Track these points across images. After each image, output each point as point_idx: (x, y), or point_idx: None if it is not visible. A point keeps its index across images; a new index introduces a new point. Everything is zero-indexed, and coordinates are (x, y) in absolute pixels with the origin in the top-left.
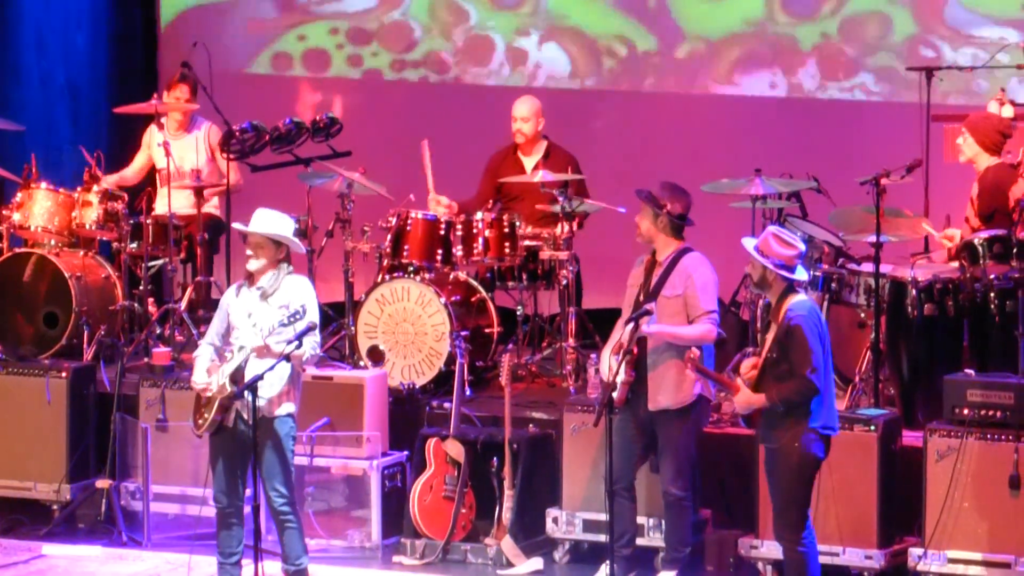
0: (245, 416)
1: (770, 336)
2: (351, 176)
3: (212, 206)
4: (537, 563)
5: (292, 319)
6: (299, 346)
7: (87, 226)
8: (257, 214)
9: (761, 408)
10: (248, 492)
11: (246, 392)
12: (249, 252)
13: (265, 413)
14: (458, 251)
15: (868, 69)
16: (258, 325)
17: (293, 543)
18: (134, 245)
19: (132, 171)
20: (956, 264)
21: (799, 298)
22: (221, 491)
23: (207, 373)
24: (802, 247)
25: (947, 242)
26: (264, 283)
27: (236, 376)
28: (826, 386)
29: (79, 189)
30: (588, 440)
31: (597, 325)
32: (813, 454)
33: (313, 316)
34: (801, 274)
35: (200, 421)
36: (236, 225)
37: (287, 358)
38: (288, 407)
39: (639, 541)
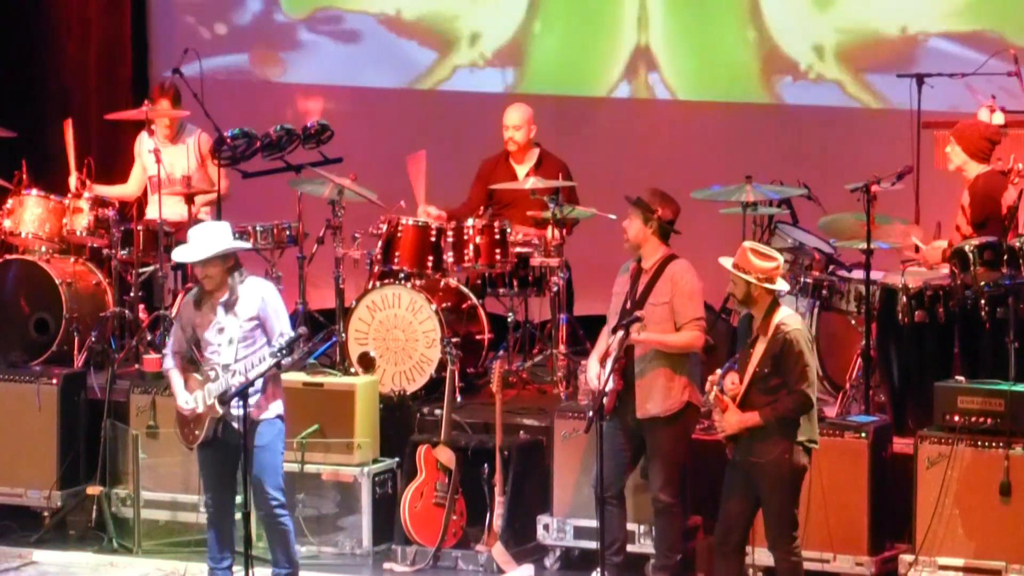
0: (235, 426)
1: (757, 350)
2: (342, 183)
3: (204, 213)
4: (528, 570)
5: (282, 352)
6: (288, 354)
7: (78, 232)
8: (192, 237)
9: (753, 426)
10: (239, 498)
11: (234, 400)
12: (202, 276)
13: (253, 417)
14: (449, 258)
15: (859, 76)
16: (234, 340)
17: (284, 548)
18: (125, 252)
19: (132, 187)
20: (947, 269)
21: (788, 311)
22: (212, 497)
23: (189, 391)
24: (780, 258)
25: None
26: (225, 297)
27: (224, 398)
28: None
29: (70, 196)
30: (579, 447)
31: (588, 332)
32: (802, 465)
33: (287, 326)
34: (783, 285)
35: (191, 437)
36: (177, 257)
37: (278, 365)
38: (275, 408)
39: (629, 548)
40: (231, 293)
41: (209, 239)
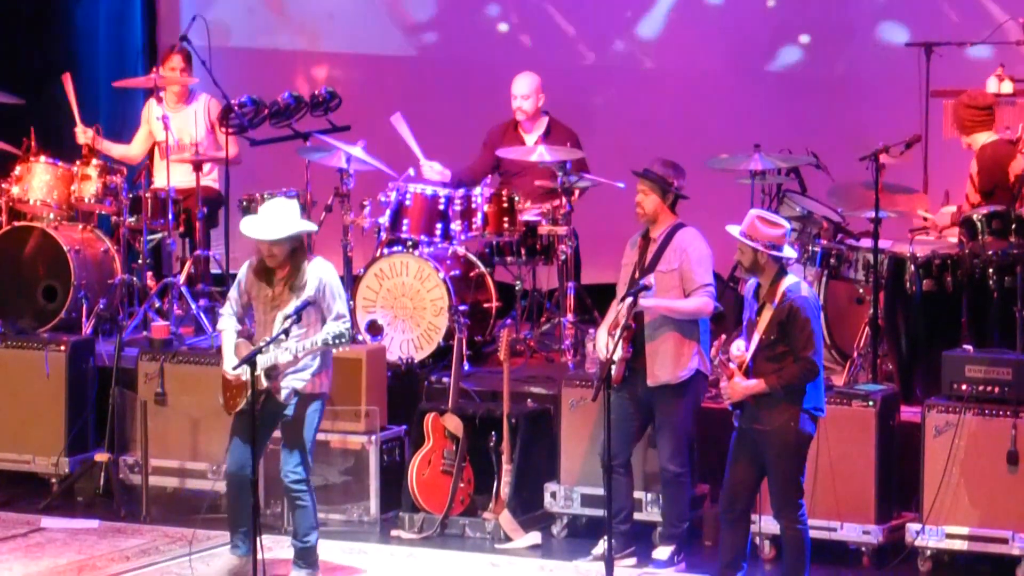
0: (277, 397)
1: (764, 318)
2: (350, 150)
3: (211, 179)
4: (535, 537)
5: (336, 341)
6: (298, 320)
7: (86, 200)
8: (265, 213)
9: (758, 393)
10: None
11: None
12: (268, 254)
13: (300, 390)
14: (457, 226)
15: (867, 44)
16: (288, 317)
17: (299, 521)
18: (133, 219)
19: (134, 149)
20: (955, 239)
21: (794, 279)
22: (236, 463)
23: (236, 356)
24: (787, 225)
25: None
26: (290, 277)
27: (271, 373)
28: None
29: (78, 163)
30: (586, 415)
31: (595, 300)
32: (807, 433)
33: (344, 307)
34: (790, 252)
35: (232, 404)
36: (247, 232)
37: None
38: (321, 386)
39: (637, 516)
40: (300, 275)
41: (280, 218)
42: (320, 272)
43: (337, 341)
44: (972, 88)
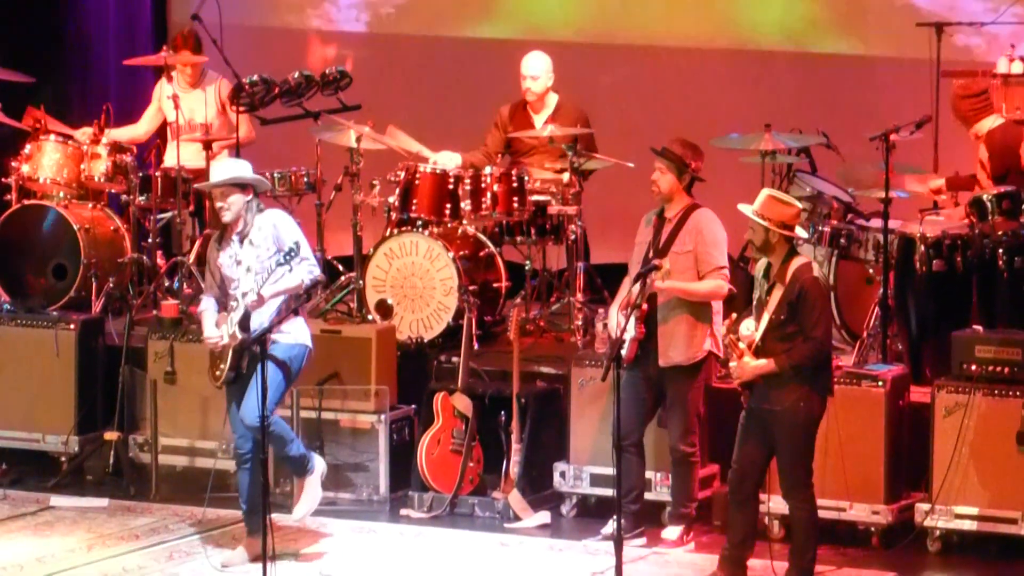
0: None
1: (774, 297)
2: (360, 130)
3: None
4: (544, 517)
5: (287, 258)
6: (290, 269)
7: (96, 178)
8: (213, 167)
9: (768, 373)
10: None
11: (255, 343)
12: (220, 205)
13: (277, 339)
14: (466, 205)
15: (878, 24)
16: (252, 269)
17: (278, 446)
18: (143, 198)
19: (141, 128)
20: (966, 220)
21: (804, 259)
22: (240, 436)
23: (216, 326)
24: (800, 205)
25: (936, 193)
26: (241, 228)
27: (244, 323)
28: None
29: (88, 141)
30: (596, 395)
31: (605, 280)
32: (816, 413)
33: (292, 241)
34: (802, 232)
35: (217, 373)
36: (197, 185)
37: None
38: (296, 331)
39: (647, 496)
40: (245, 224)
41: (227, 168)
42: (274, 219)
43: (286, 259)
44: (965, 79)
